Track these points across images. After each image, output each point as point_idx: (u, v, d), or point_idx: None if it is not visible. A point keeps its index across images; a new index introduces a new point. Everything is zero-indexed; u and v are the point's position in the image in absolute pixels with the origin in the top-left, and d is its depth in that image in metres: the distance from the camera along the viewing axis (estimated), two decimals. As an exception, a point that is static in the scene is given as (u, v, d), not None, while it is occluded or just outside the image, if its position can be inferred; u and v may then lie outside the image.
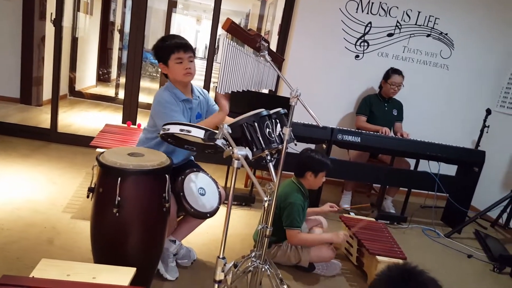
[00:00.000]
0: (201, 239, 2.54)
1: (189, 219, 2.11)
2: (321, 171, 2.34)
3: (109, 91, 7.07)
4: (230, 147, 1.27)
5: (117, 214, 1.55)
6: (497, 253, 2.98)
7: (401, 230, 3.30)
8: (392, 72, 3.61)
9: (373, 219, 2.75)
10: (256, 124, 1.61)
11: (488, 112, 3.65)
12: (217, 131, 1.41)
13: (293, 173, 2.43)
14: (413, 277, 0.80)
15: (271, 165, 1.80)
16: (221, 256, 1.33)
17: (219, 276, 1.32)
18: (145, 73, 9.27)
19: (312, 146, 3.29)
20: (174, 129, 1.51)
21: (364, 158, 3.58)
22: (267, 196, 1.87)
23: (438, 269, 2.73)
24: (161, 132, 1.60)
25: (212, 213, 1.95)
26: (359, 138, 3.20)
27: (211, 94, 2.26)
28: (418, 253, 2.91)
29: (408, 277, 0.80)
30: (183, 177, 1.86)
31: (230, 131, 1.32)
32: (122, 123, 3.92)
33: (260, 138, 1.62)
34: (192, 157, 2.33)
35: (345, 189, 3.69)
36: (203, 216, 1.88)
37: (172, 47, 1.95)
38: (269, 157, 1.80)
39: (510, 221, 3.48)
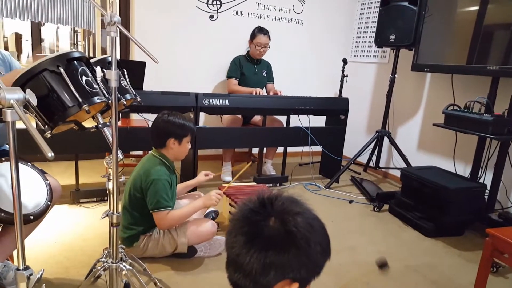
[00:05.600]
0: (47, 251, 1.94)
1: (9, 229, 1.52)
2: (185, 136, 1.96)
3: None
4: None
5: None
6: (374, 193, 3.09)
7: (284, 190, 3.18)
8: (258, 31, 3.40)
9: (254, 183, 2.52)
10: (62, 70, 1.12)
11: (345, 62, 3.75)
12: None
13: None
14: (272, 200, 0.76)
15: (107, 131, 1.35)
16: (21, 268, 0.85)
17: (24, 297, 0.85)
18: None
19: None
20: None
21: (237, 123, 3.35)
22: (108, 174, 1.43)
23: (324, 219, 2.61)
24: None
25: (38, 214, 1.41)
26: (227, 100, 2.93)
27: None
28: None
29: (269, 201, 0.75)
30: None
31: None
32: None
33: (74, 90, 1.14)
34: (7, 146, 1.71)
35: (224, 161, 3.42)
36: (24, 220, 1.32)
37: None
38: (100, 120, 1.34)
39: (379, 161, 3.67)
